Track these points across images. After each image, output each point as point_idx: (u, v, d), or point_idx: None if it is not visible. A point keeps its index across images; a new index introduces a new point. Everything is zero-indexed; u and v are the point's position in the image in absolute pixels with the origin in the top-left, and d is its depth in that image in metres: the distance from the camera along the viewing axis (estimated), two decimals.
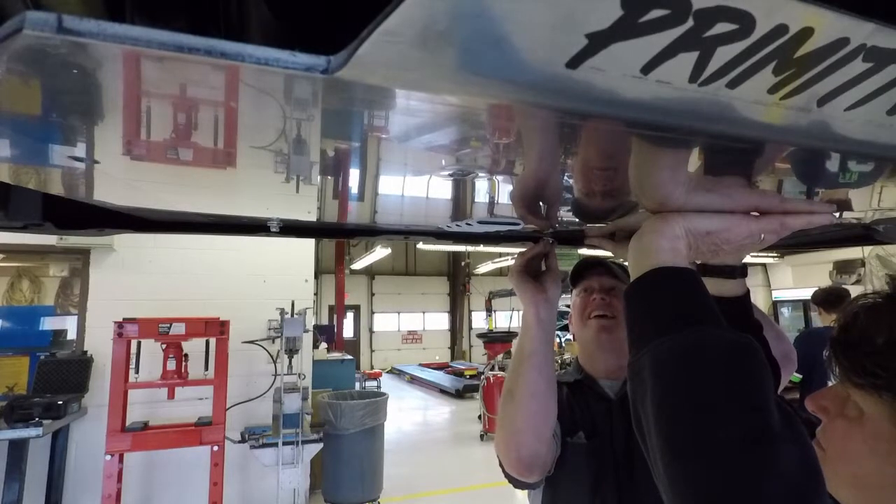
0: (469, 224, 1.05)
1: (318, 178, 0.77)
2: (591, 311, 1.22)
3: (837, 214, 1.07)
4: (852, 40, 0.29)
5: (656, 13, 0.25)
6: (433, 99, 0.32)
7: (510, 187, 0.82)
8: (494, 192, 0.87)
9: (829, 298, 3.61)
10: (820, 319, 3.72)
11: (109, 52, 0.24)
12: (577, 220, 1.07)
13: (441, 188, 0.86)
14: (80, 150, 0.61)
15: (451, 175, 0.64)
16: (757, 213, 0.63)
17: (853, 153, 0.46)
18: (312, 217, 0.96)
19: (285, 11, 0.41)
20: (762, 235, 0.63)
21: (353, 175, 0.81)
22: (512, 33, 0.25)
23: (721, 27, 0.27)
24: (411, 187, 0.87)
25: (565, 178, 0.67)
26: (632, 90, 0.31)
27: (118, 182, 0.80)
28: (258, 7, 0.44)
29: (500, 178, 0.74)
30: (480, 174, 0.66)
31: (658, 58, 0.28)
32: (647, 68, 0.29)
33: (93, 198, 0.91)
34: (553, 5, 0.24)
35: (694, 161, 0.56)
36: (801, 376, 3.32)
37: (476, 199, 0.93)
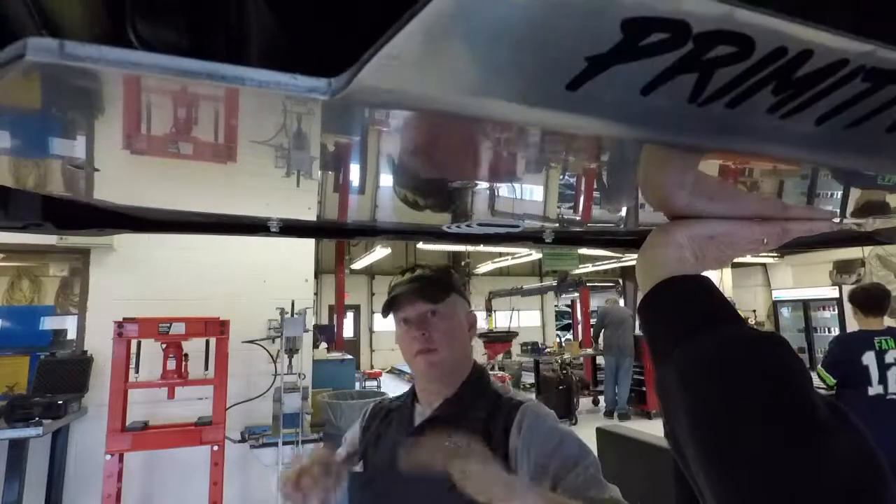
0: (469, 226, 1.05)
1: (319, 172, 0.77)
2: (416, 348, 1.17)
3: (837, 220, 1.07)
4: (852, 62, 0.29)
5: (656, 37, 0.25)
6: (434, 116, 0.32)
7: (509, 191, 0.82)
8: (495, 195, 0.87)
9: (868, 302, 3.35)
10: (856, 321, 3.43)
11: (111, 76, 0.24)
12: (577, 219, 1.07)
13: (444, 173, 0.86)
14: (79, 144, 0.60)
15: (452, 185, 0.64)
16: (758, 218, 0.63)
17: (854, 169, 0.46)
18: (313, 211, 0.96)
19: (287, 13, 0.41)
20: (764, 240, 0.63)
21: (354, 169, 0.81)
22: (512, 57, 0.25)
23: (720, 50, 0.27)
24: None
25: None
26: (631, 110, 0.31)
27: (118, 179, 0.80)
28: (258, 8, 0.43)
29: (500, 185, 0.74)
30: (481, 183, 0.66)
31: (658, 79, 0.28)
32: (647, 89, 0.29)
33: (93, 198, 0.91)
34: (553, 30, 0.24)
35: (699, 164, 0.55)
36: (835, 380, 3.25)
37: (476, 201, 0.93)
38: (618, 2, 0.23)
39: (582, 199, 0.90)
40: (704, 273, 0.60)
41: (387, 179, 0.80)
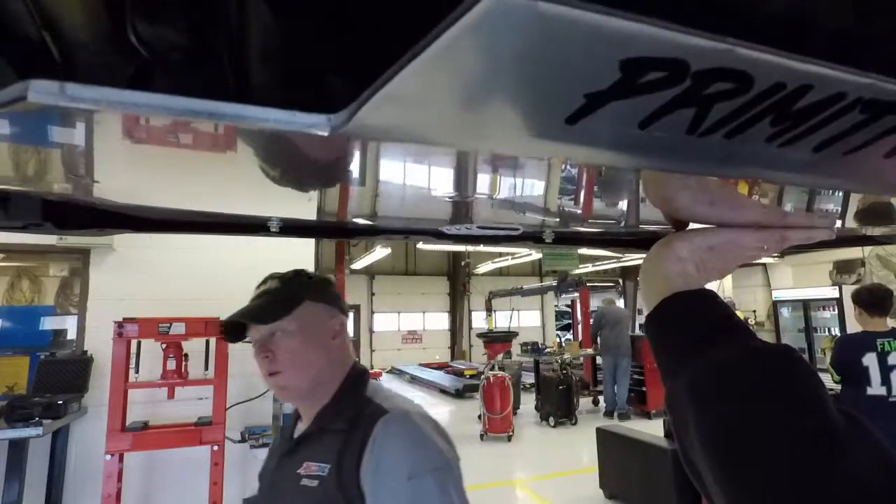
0: (469, 229, 1.05)
1: None
2: (264, 371, 1.12)
3: (839, 223, 1.07)
4: (850, 95, 0.29)
5: (654, 75, 0.25)
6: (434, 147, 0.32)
7: (509, 188, 0.83)
8: (495, 194, 0.87)
9: (872, 302, 3.34)
10: (859, 321, 3.42)
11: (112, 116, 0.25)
12: (578, 218, 1.07)
13: (443, 178, 0.85)
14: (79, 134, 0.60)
15: (450, 199, 0.64)
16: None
17: (852, 191, 0.46)
18: (314, 202, 0.96)
19: (287, 11, 0.41)
20: (764, 247, 0.63)
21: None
22: (512, 96, 0.26)
23: (719, 86, 0.27)
24: (412, 176, 0.86)
25: None
26: (630, 142, 0.31)
27: (118, 172, 0.79)
28: (258, 6, 0.43)
29: (498, 199, 0.75)
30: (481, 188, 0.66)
31: (656, 113, 0.28)
32: (645, 123, 0.29)
33: (93, 197, 0.91)
34: (553, 70, 0.24)
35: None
36: (840, 377, 3.31)
37: (476, 205, 0.93)
38: (617, 43, 0.23)
39: (583, 193, 0.90)
40: (707, 284, 0.60)
41: (388, 170, 0.79)
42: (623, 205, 0.99)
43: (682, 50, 0.24)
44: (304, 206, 0.96)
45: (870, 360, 3.19)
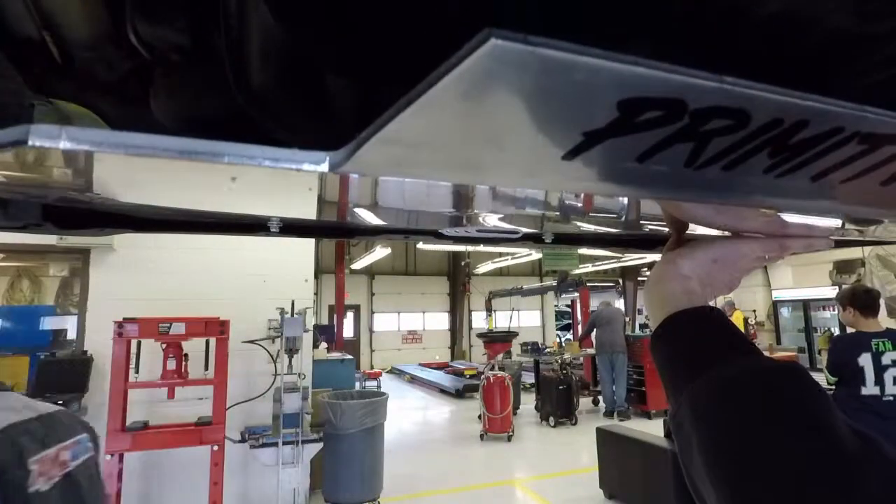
0: (468, 231, 1.06)
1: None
2: None
3: (839, 223, 1.08)
4: (847, 129, 0.30)
5: (652, 114, 0.26)
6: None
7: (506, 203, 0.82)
8: (494, 201, 0.87)
9: (868, 302, 3.37)
10: (851, 322, 3.43)
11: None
12: (578, 206, 1.07)
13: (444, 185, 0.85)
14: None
15: (449, 212, 0.64)
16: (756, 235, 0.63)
17: (849, 216, 0.46)
18: (314, 193, 0.96)
19: (287, 11, 0.41)
20: (766, 256, 0.63)
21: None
22: (510, 136, 0.26)
23: (716, 123, 0.27)
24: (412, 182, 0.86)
25: None
26: (627, 175, 0.32)
27: (121, 171, 0.79)
28: (258, 7, 0.43)
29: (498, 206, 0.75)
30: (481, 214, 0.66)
31: (653, 149, 0.28)
32: (643, 158, 0.29)
33: (92, 196, 0.91)
34: (551, 111, 0.24)
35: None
36: (836, 378, 3.34)
37: (477, 204, 0.93)
38: (615, 84, 0.23)
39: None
40: (712, 301, 0.59)
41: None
42: (623, 199, 0.99)
43: (679, 89, 0.24)
44: (303, 191, 0.95)
45: (865, 360, 3.22)
